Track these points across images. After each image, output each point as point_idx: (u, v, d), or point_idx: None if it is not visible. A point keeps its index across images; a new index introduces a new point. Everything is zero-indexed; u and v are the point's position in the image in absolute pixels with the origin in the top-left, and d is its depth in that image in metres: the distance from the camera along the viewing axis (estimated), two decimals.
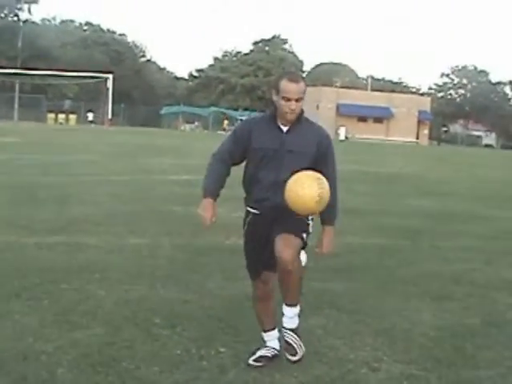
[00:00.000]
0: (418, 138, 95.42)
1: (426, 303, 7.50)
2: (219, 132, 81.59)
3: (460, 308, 7.43)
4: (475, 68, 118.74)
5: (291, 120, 5.13)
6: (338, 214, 5.35)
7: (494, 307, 7.58)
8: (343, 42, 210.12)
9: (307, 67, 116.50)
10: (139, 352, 5.51)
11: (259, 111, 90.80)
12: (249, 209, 5.36)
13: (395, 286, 8.24)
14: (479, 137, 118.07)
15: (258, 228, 5.27)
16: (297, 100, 5.03)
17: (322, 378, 5.21)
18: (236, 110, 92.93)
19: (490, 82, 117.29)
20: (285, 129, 5.16)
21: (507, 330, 6.70)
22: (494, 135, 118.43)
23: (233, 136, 5.33)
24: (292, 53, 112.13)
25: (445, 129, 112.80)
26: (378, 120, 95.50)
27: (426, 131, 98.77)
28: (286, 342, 5.15)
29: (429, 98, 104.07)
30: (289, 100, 5.02)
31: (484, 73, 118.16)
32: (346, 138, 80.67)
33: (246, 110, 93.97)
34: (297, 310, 5.14)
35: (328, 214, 5.25)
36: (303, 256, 5.17)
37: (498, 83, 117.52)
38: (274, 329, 5.53)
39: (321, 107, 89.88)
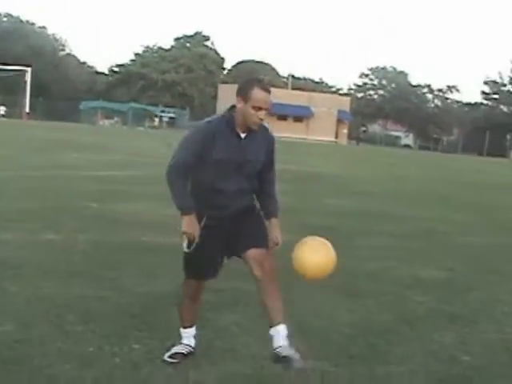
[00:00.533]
0: (337, 138, 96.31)
1: (340, 300, 7.57)
2: (139, 128, 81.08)
3: (374, 305, 7.55)
4: (394, 69, 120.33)
5: (255, 128, 5.02)
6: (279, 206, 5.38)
7: (407, 305, 7.72)
8: (265, 41, 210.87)
9: (228, 65, 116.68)
10: (51, 349, 5.44)
11: (179, 108, 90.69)
12: (202, 213, 5.10)
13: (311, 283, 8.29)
14: (398, 137, 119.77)
15: (215, 231, 5.12)
16: (267, 109, 4.95)
17: (236, 374, 5.23)
18: (156, 105, 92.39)
19: (409, 83, 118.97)
20: (243, 135, 5.05)
21: (419, 328, 6.84)
22: (412, 136, 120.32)
23: (192, 145, 5.02)
24: (213, 50, 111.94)
25: (364, 129, 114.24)
26: (298, 119, 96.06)
27: (345, 131, 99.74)
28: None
29: (348, 98, 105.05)
30: (260, 109, 4.90)
31: (403, 74, 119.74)
32: None
33: (166, 106, 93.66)
34: None
35: (274, 207, 5.33)
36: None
37: (418, 85, 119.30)
38: (192, 326, 5.50)
39: None
